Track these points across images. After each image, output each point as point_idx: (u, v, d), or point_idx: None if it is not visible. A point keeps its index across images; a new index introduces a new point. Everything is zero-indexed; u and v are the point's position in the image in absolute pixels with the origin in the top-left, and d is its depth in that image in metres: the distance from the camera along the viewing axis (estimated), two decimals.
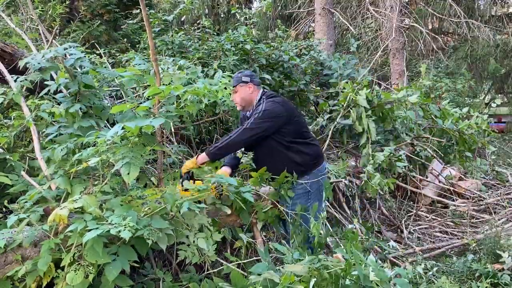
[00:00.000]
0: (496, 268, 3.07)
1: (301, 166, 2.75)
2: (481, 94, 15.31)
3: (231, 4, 12.68)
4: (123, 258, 1.99)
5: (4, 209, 2.45)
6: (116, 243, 2.06)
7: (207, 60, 4.42)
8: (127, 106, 2.24)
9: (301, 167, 2.75)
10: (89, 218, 1.92)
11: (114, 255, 1.99)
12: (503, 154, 8.44)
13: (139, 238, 2.00)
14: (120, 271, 1.95)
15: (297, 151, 2.75)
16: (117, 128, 2.00)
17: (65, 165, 2.24)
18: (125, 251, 2.02)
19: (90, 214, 1.96)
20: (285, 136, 2.72)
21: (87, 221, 1.92)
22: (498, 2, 12.75)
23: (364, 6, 10.15)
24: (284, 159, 2.73)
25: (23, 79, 2.60)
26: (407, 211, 4.87)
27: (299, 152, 2.76)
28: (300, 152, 2.76)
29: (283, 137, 2.72)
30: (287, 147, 2.74)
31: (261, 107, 2.70)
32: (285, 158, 2.73)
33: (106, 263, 1.94)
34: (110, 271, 1.91)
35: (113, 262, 1.95)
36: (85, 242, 1.84)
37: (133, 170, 1.97)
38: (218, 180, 2.41)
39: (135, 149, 2.06)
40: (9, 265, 1.94)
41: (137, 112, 2.62)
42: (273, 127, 2.67)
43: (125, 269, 1.97)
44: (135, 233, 1.89)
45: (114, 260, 1.96)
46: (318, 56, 5.54)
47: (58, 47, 2.62)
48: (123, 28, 6.76)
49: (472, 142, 4.72)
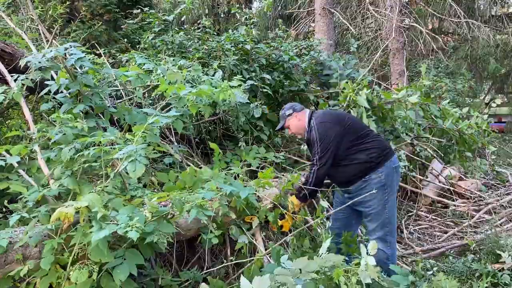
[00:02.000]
0: (496, 268, 3.07)
1: (368, 163, 2.76)
2: (481, 94, 15.32)
3: (231, 4, 12.67)
4: (131, 261, 1.99)
5: (4, 209, 2.45)
6: (120, 243, 2.06)
7: (207, 60, 4.42)
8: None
9: (369, 163, 2.76)
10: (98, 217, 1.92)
11: (121, 258, 1.99)
12: (503, 154, 8.45)
13: (144, 239, 2.00)
14: (127, 275, 1.94)
15: (360, 151, 2.78)
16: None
17: (73, 166, 2.24)
18: (132, 254, 2.02)
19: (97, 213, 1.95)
20: (345, 144, 2.78)
21: (92, 220, 1.92)
22: (498, 2, 12.75)
23: (364, 6, 10.15)
24: (349, 163, 2.78)
25: (24, 78, 2.59)
26: (407, 211, 4.87)
27: (362, 151, 2.78)
28: (363, 150, 2.78)
29: (343, 145, 2.78)
30: (348, 151, 2.78)
31: (315, 136, 2.77)
32: (350, 162, 2.78)
33: (113, 266, 1.94)
34: (118, 274, 1.91)
35: (121, 265, 1.95)
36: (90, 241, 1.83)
37: (139, 167, 1.98)
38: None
39: (141, 148, 2.07)
40: (9, 265, 1.94)
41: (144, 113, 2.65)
42: (336, 148, 2.75)
43: (133, 273, 1.96)
44: (142, 234, 1.89)
45: (122, 263, 1.96)
46: (318, 56, 5.54)
47: (58, 47, 2.62)
48: (123, 28, 6.75)
49: (472, 142, 4.72)
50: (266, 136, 4.24)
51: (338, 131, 2.75)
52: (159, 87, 2.60)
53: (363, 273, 1.89)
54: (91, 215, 1.94)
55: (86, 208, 1.91)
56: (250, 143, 4.15)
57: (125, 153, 2.00)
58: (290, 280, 1.81)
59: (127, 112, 2.76)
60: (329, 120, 2.83)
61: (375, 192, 2.66)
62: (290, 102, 5.12)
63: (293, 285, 1.79)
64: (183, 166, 3.40)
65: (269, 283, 1.71)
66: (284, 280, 1.82)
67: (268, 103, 4.53)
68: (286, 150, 4.57)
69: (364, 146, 2.78)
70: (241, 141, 4.03)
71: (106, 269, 1.98)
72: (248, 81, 3.96)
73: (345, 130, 2.78)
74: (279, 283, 1.82)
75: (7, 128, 3.92)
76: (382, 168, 2.74)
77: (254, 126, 4.25)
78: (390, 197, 2.75)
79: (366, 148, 2.78)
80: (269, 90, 4.32)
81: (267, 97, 4.51)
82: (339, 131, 2.76)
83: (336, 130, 2.75)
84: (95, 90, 2.73)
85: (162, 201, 2.34)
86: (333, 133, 2.74)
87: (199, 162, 3.78)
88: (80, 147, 2.24)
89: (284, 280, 1.81)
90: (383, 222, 2.76)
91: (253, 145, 4.10)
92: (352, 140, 2.79)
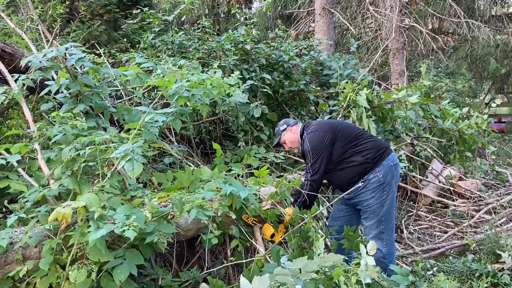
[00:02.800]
0: (496, 268, 3.07)
1: (365, 164, 2.77)
2: (481, 94, 15.32)
3: (231, 4, 12.68)
4: (131, 261, 1.99)
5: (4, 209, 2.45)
6: (120, 243, 2.06)
7: (207, 60, 4.42)
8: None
9: (366, 164, 2.77)
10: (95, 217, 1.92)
11: (121, 258, 1.99)
12: (503, 154, 8.45)
13: (144, 239, 2.01)
14: (128, 275, 1.94)
15: (356, 153, 2.80)
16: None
17: (72, 166, 2.24)
18: (132, 254, 2.02)
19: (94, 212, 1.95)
20: (337, 149, 2.81)
21: (90, 220, 1.92)
22: (498, 2, 12.75)
23: (364, 6, 10.15)
24: (346, 166, 2.80)
25: (24, 78, 2.59)
26: (407, 211, 4.87)
27: (357, 154, 2.79)
28: (358, 152, 2.80)
29: (336, 150, 2.81)
30: (343, 155, 2.81)
31: (306, 146, 2.84)
32: (347, 165, 2.80)
33: (113, 266, 1.94)
34: (118, 274, 1.91)
35: (121, 265, 1.95)
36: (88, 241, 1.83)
37: (136, 166, 1.98)
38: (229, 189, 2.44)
39: (137, 146, 2.06)
40: (9, 265, 1.94)
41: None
42: (328, 154, 2.79)
43: (133, 273, 1.96)
44: (141, 235, 1.89)
45: (122, 263, 1.96)
46: (318, 56, 5.54)
47: (59, 47, 2.61)
48: (123, 28, 6.76)
49: (472, 142, 4.72)
50: (266, 136, 4.25)
51: (328, 137, 2.80)
52: (157, 82, 2.61)
53: (363, 273, 1.89)
54: (89, 215, 1.94)
55: (83, 208, 1.91)
56: (250, 143, 4.15)
57: (121, 152, 1.99)
58: (290, 280, 1.81)
59: (127, 112, 2.76)
60: (319, 129, 2.88)
61: (373, 191, 2.68)
62: (290, 102, 5.16)
63: (292, 285, 1.78)
64: (183, 166, 3.40)
65: (269, 283, 1.70)
66: (284, 280, 1.81)
67: (268, 103, 4.53)
68: (286, 150, 4.57)
69: (358, 148, 2.80)
70: (241, 141, 4.03)
71: (106, 269, 1.98)
72: (248, 81, 3.96)
73: (336, 136, 2.82)
74: (279, 283, 1.82)
75: (7, 128, 3.92)
76: (379, 167, 2.76)
77: (254, 126, 4.25)
78: (388, 196, 2.76)
79: (361, 150, 2.80)
80: (269, 90, 4.32)
81: (267, 97, 4.51)
82: (330, 137, 2.80)
83: (326, 137, 2.80)
84: (95, 90, 2.73)
85: (162, 201, 2.35)
86: (324, 140, 2.78)
87: (199, 162, 3.78)
88: (80, 147, 2.23)
89: (284, 280, 1.81)
90: (379, 220, 2.77)
91: (253, 145, 4.10)
92: (345, 144, 2.82)
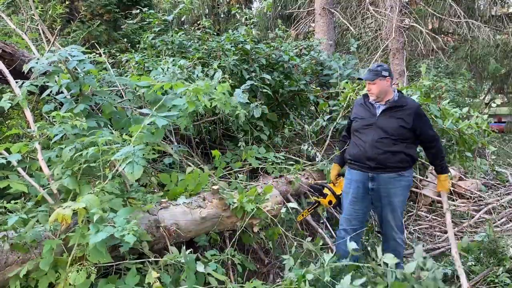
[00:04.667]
0: (496, 268, 3.07)
1: (409, 162, 2.94)
2: (481, 94, 15.32)
3: (231, 4, 12.69)
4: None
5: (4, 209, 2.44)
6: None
7: (207, 60, 4.41)
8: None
9: (409, 162, 2.94)
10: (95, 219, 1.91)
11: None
12: (503, 154, 8.45)
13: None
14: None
15: (411, 148, 2.96)
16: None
17: (73, 166, 2.23)
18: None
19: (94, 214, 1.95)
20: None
21: (90, 222, 1.91)
22: (498, 2, 12.74)
23: (364, 6, 10.14)
24: (402, 152, 2.90)
25: (29, 84, 2.58)
26: (407, 211, 4.87)
27: (411, 148, 2.96)
28: (411, 148, 2.96)
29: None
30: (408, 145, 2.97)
31: (422, 113, 2.94)
32: (402, 153, 2.90)
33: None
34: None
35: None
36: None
37: (137, 169, 1.97)
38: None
39: (138, 148, 2.06)
40: (9, 267, 1.93)
41: (132, 116, 2.64)
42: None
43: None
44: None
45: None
46: (318, 56, 5.54)
47: (61, 49, 2.61)
48: (123, 28, 6.76)
49: (472, 142, 4.71)
50: (266, 136, 4.24)
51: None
52: (154, 87, 2.55)
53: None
54: (89, 216, 1.93)
55: (83, 209, 1.91)
56: (250, 143, 4.15)
57: (122, 155, 1.99)
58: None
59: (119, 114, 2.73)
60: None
61: (403, 188, 2.91)
62: (290, 102, 5.16)
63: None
64: (183, 166, 3.40)
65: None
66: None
67: (268, 103, 4.53)
68: (286, 150, 4.56)
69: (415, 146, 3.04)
70: (241, 141, 4.03)
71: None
72: (248, 81, 3.96)
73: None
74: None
75: (7, 127, 3.92)
76: (411, 170, 2.99)
77: (254, 126, 4.25)
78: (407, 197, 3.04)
79: (412, 148, 3.00)
80: (269, 90, 4.32)
81: (267, 97, 4.50)
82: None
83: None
84: (98, 91, 2.72)
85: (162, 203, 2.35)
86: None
87: (199, 162, 3.78)
88: (81, 147, 2.23)
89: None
90: (399, 217, 2.98)
91: (253, 145, 4.10)
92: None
